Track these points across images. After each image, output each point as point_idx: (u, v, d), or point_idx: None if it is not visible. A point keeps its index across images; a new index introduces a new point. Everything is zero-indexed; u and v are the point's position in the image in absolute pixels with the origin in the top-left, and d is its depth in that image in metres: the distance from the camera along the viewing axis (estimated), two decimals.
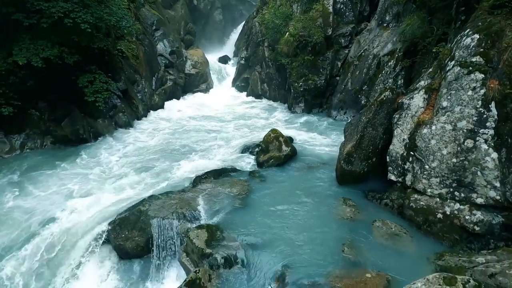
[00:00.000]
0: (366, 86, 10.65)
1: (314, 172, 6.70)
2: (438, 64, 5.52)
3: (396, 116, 5.53)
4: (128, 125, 10.56)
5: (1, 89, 7.40)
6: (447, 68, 5.01)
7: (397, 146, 5.41)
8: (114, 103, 10.31)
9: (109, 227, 5.22)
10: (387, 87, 6.42)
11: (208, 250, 4.36)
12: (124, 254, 5.10)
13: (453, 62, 4.93)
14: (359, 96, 10.74)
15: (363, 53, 11.18)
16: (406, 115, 5.38)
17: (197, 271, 4.00)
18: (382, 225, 4.93)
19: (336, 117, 11.14)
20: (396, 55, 9.81)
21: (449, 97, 4.80)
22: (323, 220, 5.06)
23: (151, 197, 5.67)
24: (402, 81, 9.56)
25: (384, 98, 5.95)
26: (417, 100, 5.33)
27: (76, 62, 8.25)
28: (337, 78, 12.06)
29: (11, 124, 8.05)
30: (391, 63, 9.89)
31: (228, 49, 22.11)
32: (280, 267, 4.12)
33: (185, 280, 3.99)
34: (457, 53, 4.94)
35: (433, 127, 4.91)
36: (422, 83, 5.54)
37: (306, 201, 5.59)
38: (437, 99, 5.07)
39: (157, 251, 4.90)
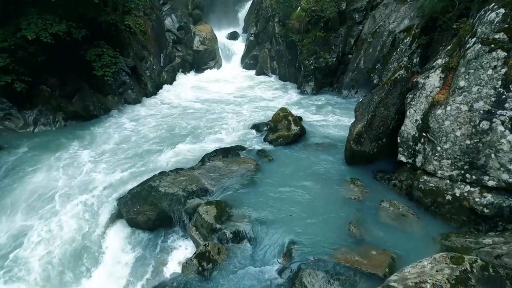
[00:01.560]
0: (379, 65, 10.32)
1: (323, 151, 6.68)
2: (457, 41, 5.25)
3: (410, 96, 5.37)
4: (137, 102, 10.60)
5: (11, 65, 7.43)
6: (467, 46, 4.77)
7: (409, 127, 5.30)
8: (123, 80, 10.31)
9: (122, 202, 5.40)
10: (402, 66, 6.20)
11: (217, 225, 4.48)
12: (137, 227, 5.30)
13: (474, 39, 4.68)
14: (372, 75, 10.43)
15: (377, 30, 10.73)
16: (420, 95, 5.21)
17: (207, 245, 4.14)
18: (389, 205, 4.95)
19: (347, 96, 10.92)
20: (413, 31, 9.38)
21: (467, 77, 4.61)
22: (331, 199, 5.10)
23: (161, 173, 5.78)
24: (417, 60, 9.21)
25: (398, 77, 5.76)
26: (433, 80, 5.14)
27: (85, 37, 8.18)
28: (350, 56, 11.69)
29: (24, 100, 8.18)
30: (407, 40, 9.48)
31: (238, 24, 21.49)
32: (287, 243, 4.22)
33: (195, 253, 4.15)
34: (479, 29, 4.68)
35: (448, 108, 4.77)
36: (439, 61, 5.31)
37: (314, 180, 5.62)
38: (454, 78, 4.88)
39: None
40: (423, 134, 5.07)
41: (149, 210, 5.22)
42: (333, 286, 3.59)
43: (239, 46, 18.32)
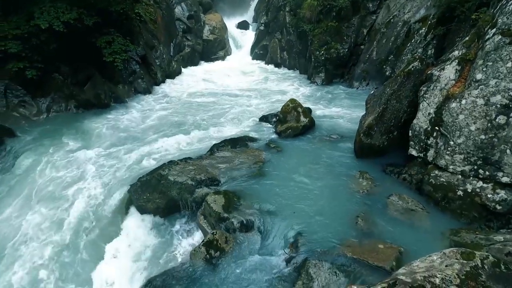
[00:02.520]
0: (392, 56, 10.07)
1: (332, 144, 6.62)
2: (476, 32, 5.06)
3: (424, 88, 5.24)
4: (147, 91, 10.67)
5: (24, 52, 7.54)
6: (486, 37, 4.59)
7: (421, 120, 5.19)
8: (133, 69, 10.36)
9: (132, 189, 5.49)
10: (416, 57, 6.02)
11: (224, 214, 4.53)
12: (146, 214, 5.40)
13: (493, 30, 4.50)
14: (384, 66, 10.20)
15: (392, 20, 10.43)
16: (435, 87, 5.08)
17: (215, 233, 4.20)
18: (398, 199, 4.90)
19: (358, 88, 10.74)
20: (429, 21, 9.08)
21: (484, 69, 4.45)
22: (339, 192, 5.08)
23: (170, 162, 5.85)
24: (432, 51, 8.93)
25: (412, 69, 5.61)
26: (448, 72, 4.99)
27: (95, 25, 8.21)
28: (362, 46, 11.43)
29: (37, 87, 8.32)
30: (423, 30, 9.19)
31: (248, 14, 21.19)
32: (293, 234, 4.25)
33: (203, 241, 4.21)
34: (500, 20, 4.49)
35: (463, 101, 4.63)
36: (455, 53, 5.14)
37: (322, 173, 5.59)
38: (470, 71, 4.72)
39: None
40: (436, 128, 4.95)
41: (158, 198, 5.30)
42: (338, 278, 3.61)
43: (249, 36, 18.12)
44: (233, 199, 4.83)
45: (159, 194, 5.33)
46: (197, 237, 4.87)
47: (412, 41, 9.49)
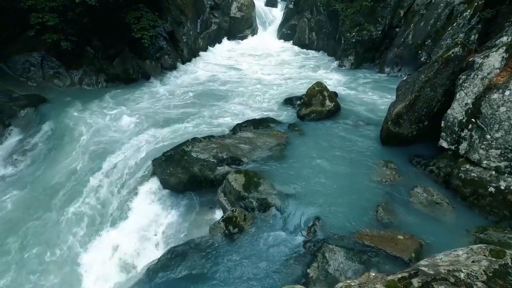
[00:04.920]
0: (430, 40, 9.41)
1: (356, 130, 6.44)
2: None
3: (463, 77, 4.89)
4: (173, 68, 10.77)
5: (60, 25, 7.79)
6: None
7: (456, 111, 4.90)
8: (160, 45, 10.44)
9: (156, 162, 5.70)
10: (458, 42, 5.59)
11: (244, 193, 4.62)
12: (168, 188, 5.62)
13: None
14: (420, 51, 9.59)
15: (433, 0, 9.66)
16: (476, 76, 4.72)
17: (234, 210, 4.31)
18: (423, 191, 4.74)
19: (389, 74, 10.22)
20: (475, 3, 8.33)
21: None
22: (360, 180, 4.99)
23: (194, 139, 5.97)
24: (476, 36, 8.25)
25: (452, 55, 5.23)
26: (493, 60, 4.61)
27: (125, 0, 8.26)
28: (397, 29, 10.74)
29: (71, 60, 8.65)
30: (467, 13, 8.46)
31: None
32: (312, 218, 4.27)
33: (222, 217, 4.35)
34: None
35: (506, 93, 4.29)
36: (504, 39, 4.71)
37: (344, 159, 5.49)
38: None
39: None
40: (472, 119, 4.66)
41: (181, 173, 5.47)
42: (354, 263, 3.62)
43: (277, 14, 17.55)
44: (253, 179, 4.89)
45: (182, 169, 5.49)
46: (217, 213, 5.03)
47: (454, 24, 8.78)
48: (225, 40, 14.95)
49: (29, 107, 7.49)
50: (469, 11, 8.45)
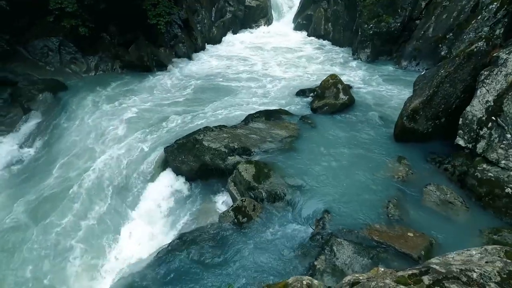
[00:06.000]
0: (451, 34, 9.05)
1: (370, 125, 6.33)
2: None
3: (485, 73, 4.71)
4: (187, 56, 10.77)
5: (78, 10, 7.87)
6: None
7: (476, 108, 4.74)
8: (175, 33, 10.44)
9: (168, 150, 5.78)
10: (482, 36, 5.36)
11: (254, 184, 4.65)
12: (180, 175, 5.71)
13: None
14: (440, 45, 9.24)
15: None
16: (499, 72, 4.54)
17: (243, 200, 4.36)
18: (436, 190, 4.65)
19: (406, 68, 9.92)
20: None
21: None
22: (372, 175, 4.93)
23: (205, 128, 6.01)
24: (501, 31, 7.87)
25: (475, 50, 5.03)
26: None
27: None
28: (417, 21, 10.35)
29: (88, 46, 8.76)
30: (494, 5, 8.06)
31: None
32: (321, 211, 4.27)
33: (232, 206, 4.41)
34: None
35: None
36: None
37: (356, 154, 5.43)
38: None
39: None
40: (493, 118, 4.50)
41: (192, 161, 5.55)
42: (362, 258, 3.62)
43: (292, 4, 17.18)
44: (264, 170, 4.91)
45: (193, 157, 5.56)
46: (226, 202, 5.09)
47: (479, 17, 8.39)
48: (239, 30, 14.79)
49: (47, 91, 7.69)
50: (495, 3, 8.05)
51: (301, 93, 7.94)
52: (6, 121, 7.20)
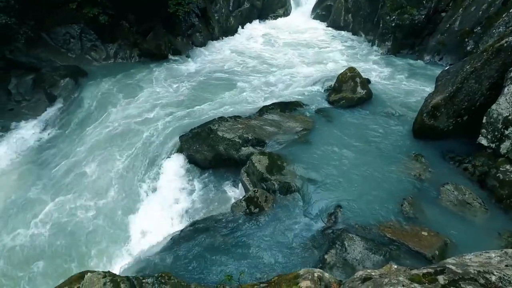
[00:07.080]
0: (479, 28, 8.61)
1: (388, 120, 6.17)
2: None
3: None
4: (204, 45, 10.78)
5: None
6: None
7: (502, 107, 4.53)
8: (192, 22, 10.43)
9: (183, 139, 5.86)
10: None
11: (267, 175, 4.66)
12: (194, 164, 5.79)
13: None
14: (466, 39, 8.82)
15: None
16: None
17: (256, 191, 4.38)
18: (454, 189, 4.52)
19: (428, 62, 9.56)
20: None
21: None
22: (387, 172, 4.83)
23: (220, 118, 6.04)
24: None
25: (505, 45, 4.77)
26: None
27: None
28: (443, 14, 9.88)
29: (107, 33, 8.90)
30: None
31: None
32: (333, 205, 4.24)
33: (244, 196, 4.44)
34: None
35: None
36: None
37: (372, 149, 5.33)
38: None
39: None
40: None
41: (207, 150, 5.60)
42: (374, 254, 3.59)
43: None
44: (277, 162, 4.90)
45: (207, 146, 5.61)
46: (239, 192, 5.13)
47: (510, 10, 7.93)
48: (256, 20, 14.61)
49: (69, 78, 7.90)
50: None
51: (318, 85, 7.80)
52: (30, 105, 7.48)
